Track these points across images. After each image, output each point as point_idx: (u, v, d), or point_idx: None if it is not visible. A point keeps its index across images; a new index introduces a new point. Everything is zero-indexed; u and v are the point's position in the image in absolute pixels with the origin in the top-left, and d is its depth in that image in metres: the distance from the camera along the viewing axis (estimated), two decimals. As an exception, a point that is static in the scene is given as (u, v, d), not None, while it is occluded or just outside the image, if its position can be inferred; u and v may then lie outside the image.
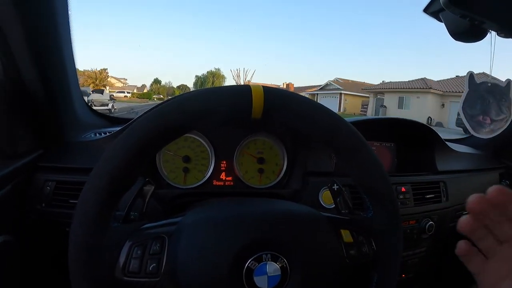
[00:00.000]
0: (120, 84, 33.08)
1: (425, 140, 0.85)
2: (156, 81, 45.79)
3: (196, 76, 44.79)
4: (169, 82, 49.35)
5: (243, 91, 0.32)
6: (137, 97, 26.43)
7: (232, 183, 0.68)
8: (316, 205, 0.67)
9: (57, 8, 0.61)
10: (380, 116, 1.01)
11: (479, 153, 1.02)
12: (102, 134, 0.70)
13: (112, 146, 0.31)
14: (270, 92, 0.33)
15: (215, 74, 43.97)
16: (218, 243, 0.33)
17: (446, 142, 0.92)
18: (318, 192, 0.67)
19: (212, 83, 42.61)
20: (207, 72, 44.58)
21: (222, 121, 0.33)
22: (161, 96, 31.42)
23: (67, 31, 0.66)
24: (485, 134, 0.69)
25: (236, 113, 0.33)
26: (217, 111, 0.32)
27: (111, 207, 0.32)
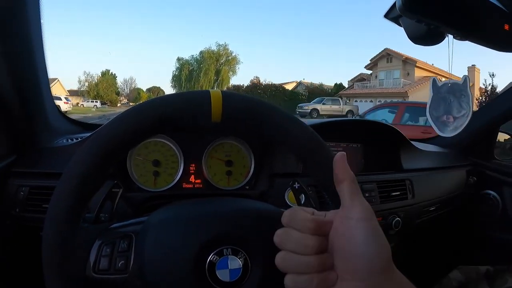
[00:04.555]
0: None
1: (390, 140, 0.89)
2: (106, 74, 27.66)
3: (178, 59, 27.44)
4: (131, 79, 33.96)
5: (202, 96, 0.35)
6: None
7: (201, 185, 0.71)
8: (282, 205, 0.70)
9: (29, 14, 0.62)
10: (347, 118, 1.05)
11: (446, 151, 1.07)
12: (74, 139, 0.73)
13: (80, 151, 0.33)
14: (228, 96, 0.35)
15: (219, 56, 26.68)
16: (181, 240, 0.35)
17: (413, 142, 0.96)
18: (284, 193, 0.71)
19: (217, 73, 26.22)
20: (202, 51, 26.82)
21: (184, 126, 0.36)
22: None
23: (39, 36, 0.67)
24: (449, 132, 0.73)
25: (196, 117, 0.35)
26: (177, 117, 0.34)
27: (80, 208, 0.34)
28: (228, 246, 0.35)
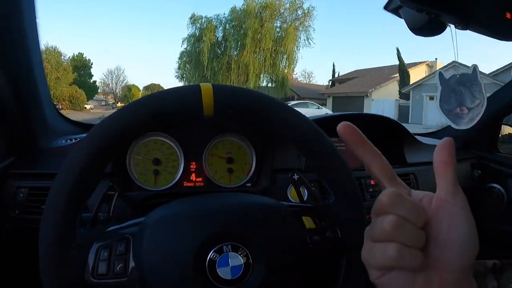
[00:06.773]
0: None
1: (394, 134, 0.88)
2: (76, 61, 18.75)
3: (193, 18, 16.58)
4: (118, 68, 27.51)
5: (192, 90, 0.34)
6: None
7: (202, 183, 0.70)
8: (284, 201, 0.69)
9: (24, 14, 0.62)
10: (348, 112, 1.03)
11: None
12: (73, 140, 0.72)
13: (73, 152, 0.33)
14: (219, 89, 0.35)
15: (273, 11, 14.61)
16: (179, 239, 0.34)
17: (417, 136, 0.95)
18: (286, 189, 0.70)
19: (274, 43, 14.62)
20: (236, 8, 15.37)
21: (176, 121, 0.35)
22: None
23: (35, 37, 0.67)
24: (465, 124, 0.72)
25: (187, 111, 0.34)
26: (167, 112, 0.34)
27: (76, 209, 0.33)
28: (228, 243, 0.34)
